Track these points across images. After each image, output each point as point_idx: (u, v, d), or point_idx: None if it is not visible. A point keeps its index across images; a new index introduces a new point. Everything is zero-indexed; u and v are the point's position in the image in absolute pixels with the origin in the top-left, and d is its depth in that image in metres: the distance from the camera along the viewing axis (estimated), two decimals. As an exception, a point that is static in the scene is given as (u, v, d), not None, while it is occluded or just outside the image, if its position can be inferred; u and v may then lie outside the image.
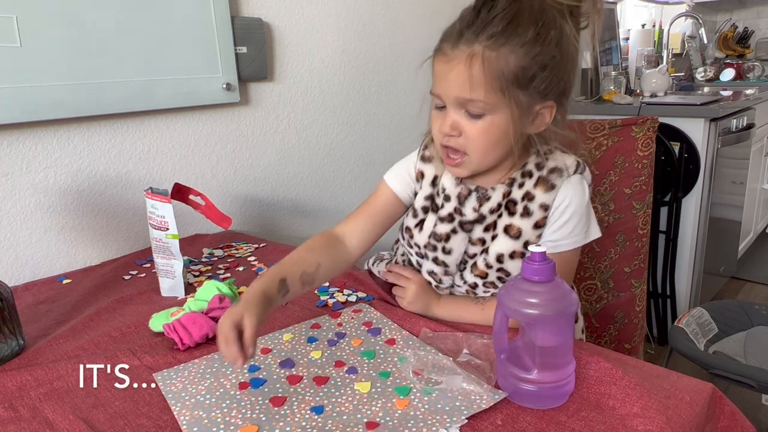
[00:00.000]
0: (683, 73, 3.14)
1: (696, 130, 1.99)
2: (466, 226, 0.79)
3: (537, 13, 0.67)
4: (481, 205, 0.77)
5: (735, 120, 2.15)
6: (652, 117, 1.13)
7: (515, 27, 0.66)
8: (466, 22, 0.68)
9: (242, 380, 0.68)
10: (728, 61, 3.41)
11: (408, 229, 0.84)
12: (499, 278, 0.79)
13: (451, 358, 0.69)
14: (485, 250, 0.79)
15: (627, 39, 2.86)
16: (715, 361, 1.19)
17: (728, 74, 3.14)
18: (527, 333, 0.62)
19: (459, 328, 0.79)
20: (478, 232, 0.78)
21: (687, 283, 2.14)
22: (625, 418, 0.58)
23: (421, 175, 0.83)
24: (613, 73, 2.49)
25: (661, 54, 2.96)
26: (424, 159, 0.83)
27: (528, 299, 0.59)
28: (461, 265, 0.82)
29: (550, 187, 0.75)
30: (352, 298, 0.90)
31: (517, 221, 0.76)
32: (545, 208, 0.75)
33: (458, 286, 0.84)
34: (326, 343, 0.77)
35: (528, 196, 0.75)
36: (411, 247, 0.85)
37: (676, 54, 3.19)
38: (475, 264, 0.80)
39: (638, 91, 2.61)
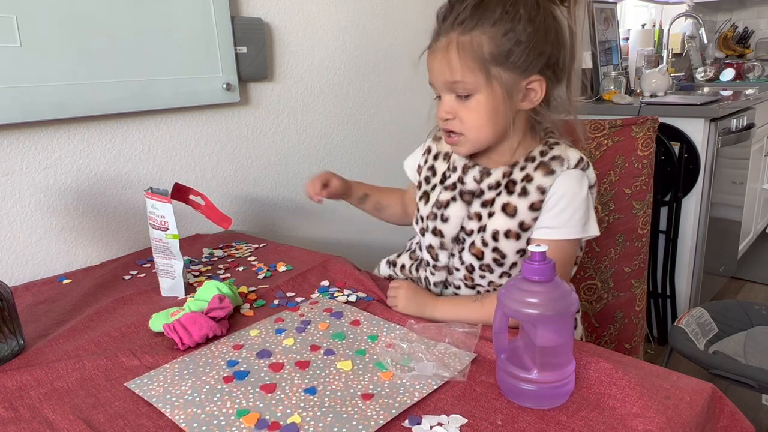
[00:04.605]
0: (683, 73, 3.14)
1: (696, 130, 1.99)
2: (465, 197, 0.84)
3: None
4: (482, 179, 0.82)
5: (735, 120, 2.15)
6: (652, 117, 1.13)
7: (483, 10, 0.73)
8: (442, 16, 0.77)
9: (225, 375, 0.69)
10: (728, 61, 3.40)
11: (420, 199, 0.92)
12: (494, 260, 0.82)
13: (424, 345, 0.71)
14: (482, 228, 0.82)
15: (627, 39, 2.86)
16: (715, 361, 1.19)
17: (728, 74, 3.14)
18: (527, 333, 0.62)
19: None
20: (476, 206, 0.83)
21: (687, 283, 2.14)
22: (625, 418, 0.59)
23: (428, 150, 0.93)
24: (613, 73, 2.49)
25: (661, 54, 2.95)
26: (434, 138, 0.93)
27: (528, 299, 0.59)
28: (459, 244, 0.85)
29: (549, 172, 0.78)
30: (353, 298, 0.90)
31: (514, 200, 0.79)
32: (542, 191, 0.78)
33: (456, 269, 0.86)
34: (295, 330, 0.80)
35: (527, 178, 0.79)
36: (417, 222, 0.92)
37: (676, 54, 3.19)
38: (472, 243, 0.83)
39: (638, 91, 2.61)
